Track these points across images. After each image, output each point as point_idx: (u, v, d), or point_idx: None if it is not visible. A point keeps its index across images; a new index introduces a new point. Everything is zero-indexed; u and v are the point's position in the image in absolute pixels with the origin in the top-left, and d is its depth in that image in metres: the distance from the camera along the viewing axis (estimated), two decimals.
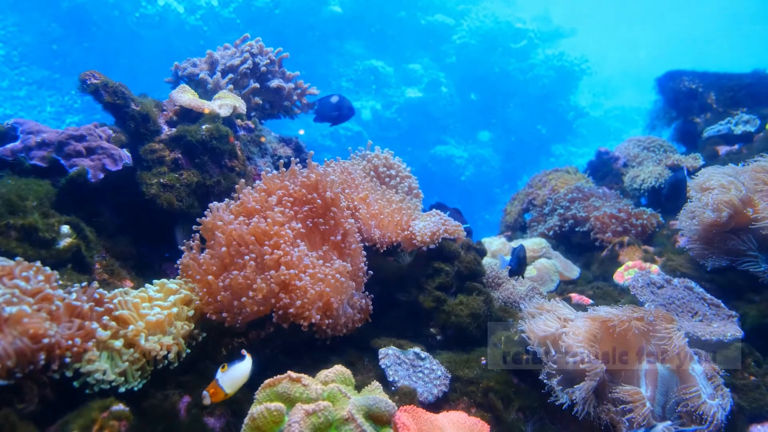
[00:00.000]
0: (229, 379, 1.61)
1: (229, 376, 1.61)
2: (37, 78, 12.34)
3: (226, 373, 1.61)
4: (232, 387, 1.62)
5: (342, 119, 3.01)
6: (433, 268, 2.49)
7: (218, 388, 1.59)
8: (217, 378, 1.60)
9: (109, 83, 2.45)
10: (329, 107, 2.94)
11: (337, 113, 2.94)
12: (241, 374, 1.64)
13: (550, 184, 4.32)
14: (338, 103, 2.91)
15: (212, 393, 1.59)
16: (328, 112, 2.94)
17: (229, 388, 1.61)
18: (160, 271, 2.51)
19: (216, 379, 1.60)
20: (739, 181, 2.60)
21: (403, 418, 1.61)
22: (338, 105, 2.91)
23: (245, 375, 1.65)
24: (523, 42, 15.58)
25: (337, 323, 2.03)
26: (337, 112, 2.94)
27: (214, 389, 1.59)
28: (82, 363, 1.57)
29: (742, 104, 4.21)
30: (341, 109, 2.95)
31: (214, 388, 1.59)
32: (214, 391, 1.59)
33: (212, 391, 1.59)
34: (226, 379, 1.60)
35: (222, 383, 1.60)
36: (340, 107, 2.93)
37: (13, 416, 1.41)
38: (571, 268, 3.41)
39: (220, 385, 1.59)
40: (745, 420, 2.00)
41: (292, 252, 1.99)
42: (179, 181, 2.45)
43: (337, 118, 2.97)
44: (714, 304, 2.50)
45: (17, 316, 1.44)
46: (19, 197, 2.00)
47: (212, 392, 1.59)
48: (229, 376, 1.61)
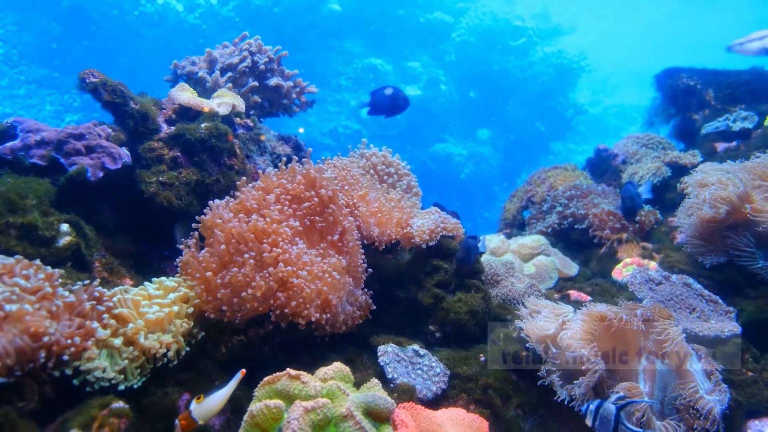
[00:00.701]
0: (203, 410, 1.55)
1: (203, 407, 1.55)
2: (37, 76, 12.33)
3: (201, 404, 1.55)
4: (205, 418, 1.56)
5: (397, 111, 2.96)
6: (432, 265, 2.49)
7: (191, 419, 1.54)
8: (191, 409, 1.55)
9: (108, 82, 2.45)
10: (383, 99, 2.92)
11: (391, 105, 2.92)
12: (216, 403, 1.57)
13: (548, 181, 4.32)
14: (393, 95, 2.89)
15: (184, 424, 1.54)
16: (382, 104, 2.91)
17: (202, 420, 1.55)
18: (159, 269, 2.52)
19: (189, 410, 1.55)
20: (737, 177, 2.61)
21: (401, 415, 1.62)
22: (393, 97, 2.89)
23: (221, 402, 1.58)
24: (522, 40, 15.57)
25: (336, 320, 2.04)
26: (392, 104, 2.92)
27: (186, 421, 1.54)
28: (81, 361, 1.58)
29: (740, 101, 4.21)
30: (396, 101, 2.91)
31: (187, 420, 1.54)
32: (186, 423, 1.54)
33: (184, 423, 1.54)
34: (200, 411, 1.55)
35: (195, 415, 1.54)
36: (395, 98, 2.91)
37: (13, 414, 1.42)
38: (570, 265, 3.42)
39: (192, 417, 1.54)
40: (743, 415, 2.00)
41: (290, 250, 2.00)
42: (178, 179, 2.45)
43: (391, 109, 2.94)
44: (712, 300, 2.51)
45: (18, 314, 1.45)
46: (18, 196, 2.00)
47: (184, 423, 1.54)
48: (203, 408, 1.55)
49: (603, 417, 1.66)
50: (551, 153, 16.16)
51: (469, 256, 2.46)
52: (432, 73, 14.99)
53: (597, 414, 1.68)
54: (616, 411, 1.64)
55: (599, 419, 1.67)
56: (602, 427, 1.67)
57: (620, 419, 1.63)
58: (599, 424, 1.67)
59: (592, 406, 1.70)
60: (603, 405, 1.68)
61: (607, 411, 1.66)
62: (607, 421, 1.65)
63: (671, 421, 1.78)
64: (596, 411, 1.68)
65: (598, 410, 1.68)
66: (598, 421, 1.67)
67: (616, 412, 1.64)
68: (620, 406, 1.65)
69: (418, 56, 15.20)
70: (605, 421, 1.66)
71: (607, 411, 1.66)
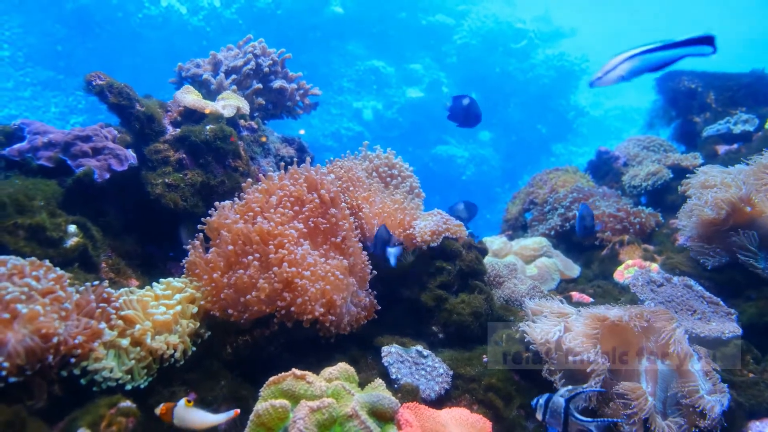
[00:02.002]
0: (183, 417, 1.55)
1: (185, 414, 1.55)
2: (42, 79, 12.37)
3: (186, 410, 1.56)
4: (179, 423, 1.56)
5: (467, 124, 2.83)
6: (435, 266, 2.51)
7: (170, 414, 1.55)
8: (177, 406, 1.56)
9: (115, 84, 2.47)
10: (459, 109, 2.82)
11: (463, 116, 2.82)
12: (196, 420, 1.56)
13: (550, 183, 4.34)
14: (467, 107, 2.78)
15: (162, 411, 1.56)
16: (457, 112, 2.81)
17: (177, 421, 1.55)
18: (165, 270, 2.54)
19: (176, 405, 1.56)
20: (739, 179, 2.62)
21: (405, 415, 1.63)
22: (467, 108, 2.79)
23: (201, 424, 1.56)
24: (523, 42, 15.59)
25: (340, 321, 2.06)
26: (464, 116, 2.82)
27: (166, 411, 1.56)
28: (89, 361, 1.60)
29: (741, 104, 4.23)
30: (468, 115, 2.79)
31: (167, 412, 1.56)
32: (165, 413, 1.56)
33: (163, 410, 1.56)
34: (181, 414, 1.55)
35: (175, 413, 1.55)
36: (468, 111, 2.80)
37: (23, 413, 1.44)
38: (572, 267, 3.43)
39: (173, 413, 1.55)
40: (744, 416, 2.02)
41: (296, 251, 2.02)
42: (183, 181, 2.48)
43: (463, 121, 2.85)
44: (713, 302, 2.52)
45: (29, 315, 1.47)
46: (26, 197, 2.03)
47: (163, 411, 1.56)
48: (185, 415, 1.55)
49: (553, 410, 1.66)
50: (552, 155, 16.15)
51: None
52: (434, 75, 15.02)
53: (546, 408, 1.68)
54: (565, 403, 1.64)
55: (549, 412, 1.67)
56: (553, 420, 1.67)
57: (569, 411, 1.63)
58: (549, 417, 1.67)
59: (542, 400, 1.70)
60: (552, 398, 1.68)
61: (557, 404, 1.66)
62: (557, 414, 1.65)
63: (673, 420, 1.79)
64: (546, 405, 1.69)
65: (548, 404, 1.68)
66: (548, 414, 1.67)
67: (565, 404, 1.64)
68: (569, 398, 1.65)
69: (419, 58, 15.22)
70: (555, 414, 1.66)
71: (557, 404, 1.66)
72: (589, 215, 2.89)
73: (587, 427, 1.62)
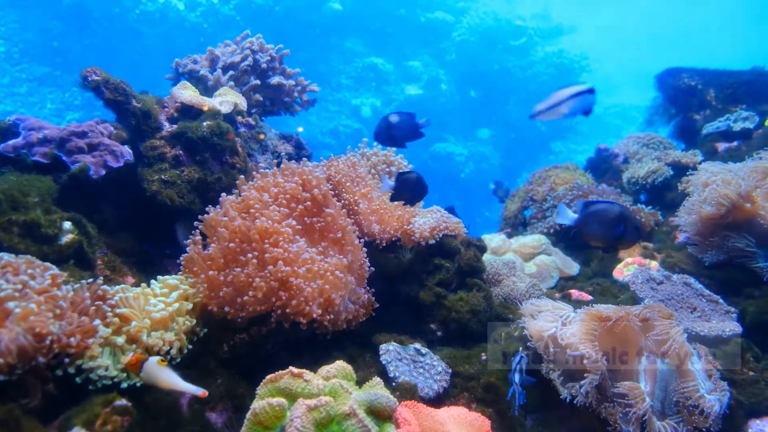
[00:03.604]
0: (153, 373, 1.51)
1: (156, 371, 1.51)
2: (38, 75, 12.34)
3: (158, 367, 1.51)
4: (147, 378, 1.52)
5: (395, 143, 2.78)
6: (434, 264, 2.50)
7: (139, 366, 1.51)
8: (148, 360, 1.52)
9: (111, 80, 2.45)
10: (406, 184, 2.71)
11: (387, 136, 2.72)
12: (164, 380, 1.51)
13: (549, 180, 4.32)
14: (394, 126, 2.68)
15: (132, 361, 1.54)
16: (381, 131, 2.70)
17: (144, 375, 1.51)
18: (161, 267, 2.52)
19: (147, 359, 1.53)
20: (739, 176, 2.61)
21: (404, 413, 1.62)
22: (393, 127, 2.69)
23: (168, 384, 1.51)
24: (522, 39, 15.58)
25: (338, 318, 2.04)
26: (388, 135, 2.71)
27: (136, 362, 1.52)
28: (84, 359, 1.58)
29: (741, 101, 4.21)
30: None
31: (136, 363, 1.52)
32: (134, 363, 1.53)
33: (133, 360, 1.53)
34: (150, 369, 1.51)
35: (145, 367, 1.51)
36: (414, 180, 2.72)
37: (17, 411, 1.42)
38: (571, 265, 3.42)
39: (142, 365, 1.51)
40: (744, 415, 2.01)
41: (290, 248, 2.00)
42: (180, 177, 2.46)
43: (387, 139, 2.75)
44: (713, 300, 2.51)
45: (23, 314, 1.45)
46: (21, 193, 2.01)
47: (132, 360, 1.53)
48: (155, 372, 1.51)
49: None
50: (552, 153, 16.16)
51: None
52: (433, 72, 15.01)
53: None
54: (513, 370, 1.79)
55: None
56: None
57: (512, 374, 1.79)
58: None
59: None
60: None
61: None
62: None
63: (672, 420, 1.78)
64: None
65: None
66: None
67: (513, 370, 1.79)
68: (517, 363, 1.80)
69: (418, 55, 15.21)
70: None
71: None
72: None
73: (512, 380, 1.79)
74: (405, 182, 2.52)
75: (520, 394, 1.77)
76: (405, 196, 2.49)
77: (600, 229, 2.09)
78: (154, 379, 1.52)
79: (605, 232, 2.07)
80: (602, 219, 2.07)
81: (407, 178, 2.49)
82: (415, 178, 2.52)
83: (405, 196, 2.49)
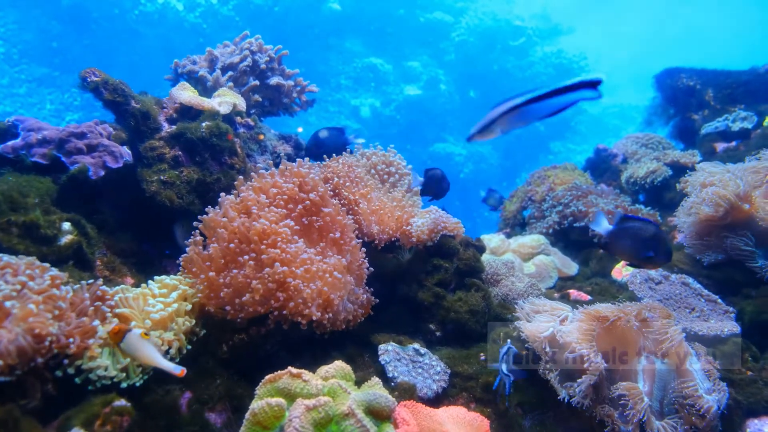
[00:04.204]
0: (133, 345, 1.52)
1: (137, 343, 1.52)
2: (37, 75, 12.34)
3: (141, 340, 1.53)
4: (127, 349, 1.52)
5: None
6: (433, 264, 2.50)
7: (120, 336, 1.52)
8: (131, 331, 1.53)
9: (110, 81, 2.45)
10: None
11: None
12: (144, 353, 1.52)
13: (548, 181, 4.33)
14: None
15: (114, 330, 1.54)
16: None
17: (124, 346, 1.52)
18: (160, 267, 2.52)
19: (130, 329, 1.54)
20: (737, 176, 2.62)
21: (402, 413, 1.62)
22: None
23: (146, 358, 1.53)
24: (521, 39, 15.61)
25: (336, 319, 2.04)
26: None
27: (118, 331, 1.53)
28: (83, 360, 1.59)
29: (739, 101, 4.22)
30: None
31: (119, 332, 1.53)
32: (116, 333, 1.53)
33: (115, 329, 1.54)
34: (131, 340, 1.52)
35: (127, 338, 1.52)
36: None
37: (16, 412, 1.42)
38: (570, 265, 3.42)
39: (124, 336, 1.52)
40: (742, 414, 2.01)
41: (288, 248, 2.00)
42: (179, 178, 2.46)
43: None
44: (711, 300, 2.52)
45: (23, 314, 1.45)
46: (20, 194, 2.01)
47: (115, 329, 1.54)
48: (136, 345, 1.51)
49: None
50: (551, 153, 16.18)
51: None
52: (432, 72, 15.02)
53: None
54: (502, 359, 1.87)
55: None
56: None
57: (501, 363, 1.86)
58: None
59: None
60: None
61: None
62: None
63: (670, 420, 1.78)
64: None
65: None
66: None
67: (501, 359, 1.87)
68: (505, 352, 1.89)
69: (417, 56, 15.22)
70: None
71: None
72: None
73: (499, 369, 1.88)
74: (433, 177, 2.67)
75: (507, 383, 1.81)
76: (433, 189, 2.63)
77: (631, 246, 2.11)
78: (134, 351, 1.53)
79: (636, 250, 2.10)
80: (635, 237, 2.09)
81: (434, 174, 2.66)
82: (440, 174, 2.67)
83: (433, 189, 2.63)
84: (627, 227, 2.12)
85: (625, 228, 2.12)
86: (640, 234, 2.08)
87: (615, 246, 2.17)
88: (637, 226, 2.10)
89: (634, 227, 2.10)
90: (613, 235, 2.14)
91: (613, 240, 2.15)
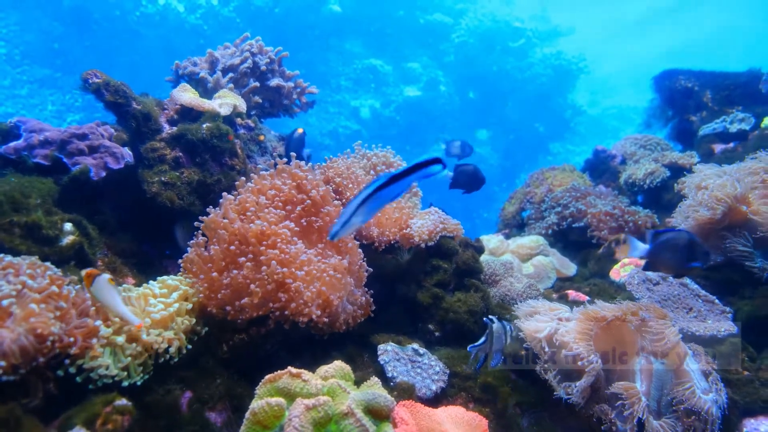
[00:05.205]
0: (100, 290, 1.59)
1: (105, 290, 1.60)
2: (39, 76, 12.35)
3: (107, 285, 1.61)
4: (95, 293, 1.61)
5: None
6: (432, 265, 2.51)
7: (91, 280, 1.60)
8: (102, 275, 1.61)
9: (111, 82, 2.47)
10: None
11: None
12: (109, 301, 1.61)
13: (547, 182, 4.34)
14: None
15: (88, 274, 1.61)
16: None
17: (92, 290, 1.60)
18: (161, 268, 2.53)
19: (100, 275, 1.61)
20: (734, 178, 2.63)
21: (401, 413, 1.63)
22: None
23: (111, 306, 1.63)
24: (521, 41, 15.62)
25: (336, 320, 2.05)
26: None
27: (89, 276, 1.60)
28: (85, 359, 1.60)
29: (737, 103, 4.24)
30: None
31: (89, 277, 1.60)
32: (88, 278, 1.61)
33: (88, 273, 1.61)
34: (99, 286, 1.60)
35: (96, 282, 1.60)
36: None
37: (18, 410, 1.43)
38: (568, 265, 3.44)
39: (93, 281, 1.60)
40: (739, 414, 2.02)
41: (288, 249, 2.01)
42: (180, 179, 2.47)
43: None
44: (708, 300, 2.53)
45: (25, 314, 1.46)
46: (22, 195, 2.02)
47: (88, 273, 1.62)
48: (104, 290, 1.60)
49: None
50: (550, 153, 16.19)
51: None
52: (431, 73, 15.03)
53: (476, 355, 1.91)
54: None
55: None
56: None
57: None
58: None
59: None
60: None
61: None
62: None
63: (668, 419, 1.79)
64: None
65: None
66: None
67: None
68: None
69: (417, 57, 15.23)
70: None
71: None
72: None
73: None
74: (464, 173, 2.68)
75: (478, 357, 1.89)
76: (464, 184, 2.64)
77: (672, 258, 2.18)
78: (100, 295, 1.62)
79: (677, 259, 2.16)
80: (674, 248, 2.15)
81: (465, 169, 2.67)
82: (473, 168, 2.68)
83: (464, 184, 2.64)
84: (662, 242, 2.17)
85: (660, 243, 2.17)
86: (678, 244, 2.15)
87: (657, 263, 2.23)
88: (671, 236, 2.17)
89: (669, 240, 2.16)
90: (652, 254, 2.19)
91: (653, 258, 2.20)
